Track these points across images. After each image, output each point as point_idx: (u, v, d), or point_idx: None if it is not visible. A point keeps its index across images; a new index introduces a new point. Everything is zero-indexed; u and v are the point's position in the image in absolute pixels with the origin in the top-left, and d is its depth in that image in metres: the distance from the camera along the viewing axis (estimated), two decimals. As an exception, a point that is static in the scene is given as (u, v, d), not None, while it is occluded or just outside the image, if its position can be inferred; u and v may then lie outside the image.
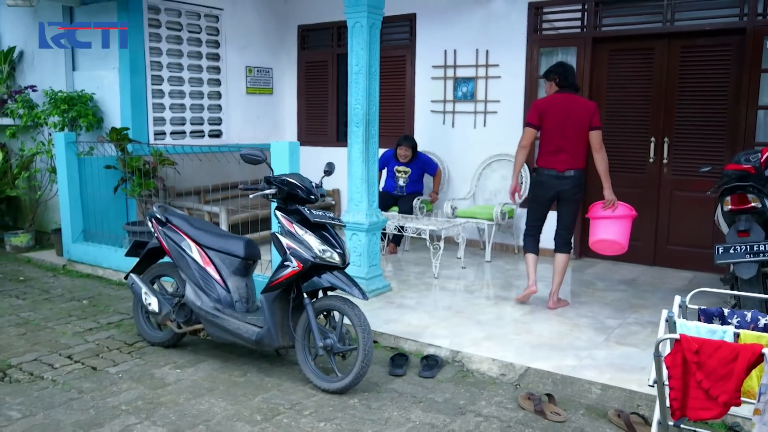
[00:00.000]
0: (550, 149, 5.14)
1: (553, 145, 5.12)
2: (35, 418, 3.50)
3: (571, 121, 5.06)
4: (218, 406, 3.67)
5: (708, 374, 2.15)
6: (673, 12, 6.28)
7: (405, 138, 7.35)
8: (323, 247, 3.88)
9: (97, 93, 7.37)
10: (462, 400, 3.77)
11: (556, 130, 5.09)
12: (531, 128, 5.19)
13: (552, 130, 5.10)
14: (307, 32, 8.82)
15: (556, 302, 5.31)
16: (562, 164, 5.12)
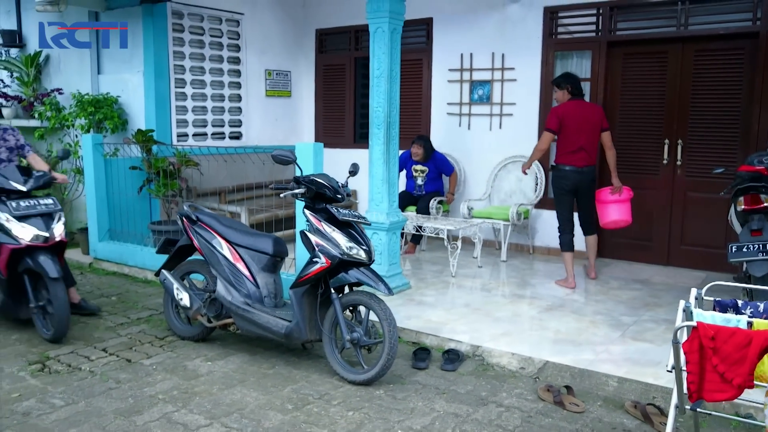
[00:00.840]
0: (571, 149, 5.86)
1: (574, 146, 5.84)
2: (77, 405, 3.68)
3: (588, 125, 5.87)
4: (250, 396, 3.83)
5: (723, 359, 2.28)
6: (687, 16, 6.40)
7: (418, 137, 7.55)
8: (350, 244, 4.03)
9: (122, 96, 7.57)
10: (484, 392, 3.91)
11: (575, 132, 5.82)
12: (550, 133, 5.90)
13: (572, 132, 5.82)
14: (325, 36, 8.99)
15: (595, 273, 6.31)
16: (581, 161, 5.89)
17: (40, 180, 4.88)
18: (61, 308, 4.54)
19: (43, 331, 4.72)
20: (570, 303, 5.52)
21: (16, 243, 4.54)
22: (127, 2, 7.28)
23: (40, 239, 4.60)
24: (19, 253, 4.59)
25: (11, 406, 3.66)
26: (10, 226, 4.57)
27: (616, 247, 7.09)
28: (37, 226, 4.62)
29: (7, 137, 5.21)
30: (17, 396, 3.80)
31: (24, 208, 4.63)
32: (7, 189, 4.69)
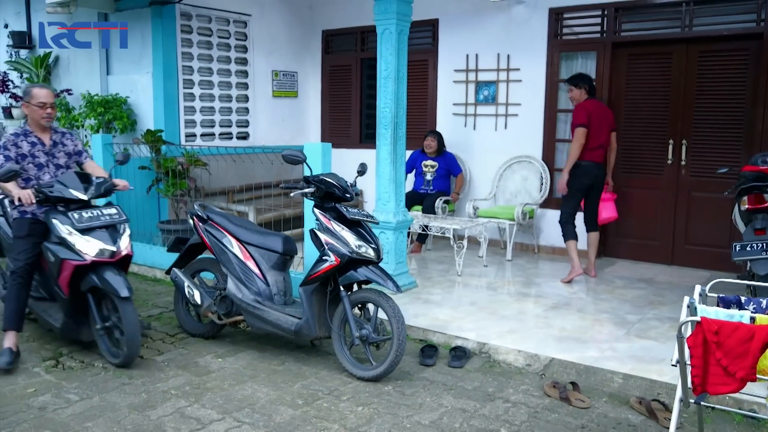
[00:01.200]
0: (593, 145, 6.08)
1: (596, 143, 6.08)
2: (92, 400, 3.75)
3: (606, 123, 6.16)
4: (261, 391, 3.90)
5: (726, 353, 2.34)
6: (691, 17, 6.45)
7: (431, 131, 7.74)
8: (359, 242, 4.10)
9: (131, 96, 7.65)
10: (490, 388, 3.97)
11: (597, 130, 6.07)
12: (584, 128, 6.02)
13: (595, 130, 6.05)
14: (331, 37, 9.06)
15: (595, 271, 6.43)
16: (599, 157, 6.17)
17: (101, 187, 4.38)
18: (133, 330, 4.10)
19: (109, 355, 4.29)
20: (575, 301, 5.57)
21: (80, 259, 4.07)
22: (136, 4, 7.37)
23: (106, 254, 4.12)
24: (82, 270, 4.14)
25: (27, 401, 3.73)
26: (73, 240, 4.08)
27: (621, 247, 7.14)
28: (102, 240, 4.14)
29: (66, 142, 4.65)
30: (33, 391, 3.87)
31: (87, 220, 4.15)
32: (67, 198, 4.19)
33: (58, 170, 4.51)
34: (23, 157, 4.36)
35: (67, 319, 4.37)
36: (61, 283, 4.17)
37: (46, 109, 4.36)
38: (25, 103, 4.39)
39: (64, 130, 4.72)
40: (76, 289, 4.23)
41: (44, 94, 4.36)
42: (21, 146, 4.37)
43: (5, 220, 4.87)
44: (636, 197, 6.98)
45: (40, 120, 4.37)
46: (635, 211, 6.98)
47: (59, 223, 4.10)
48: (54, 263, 4.15)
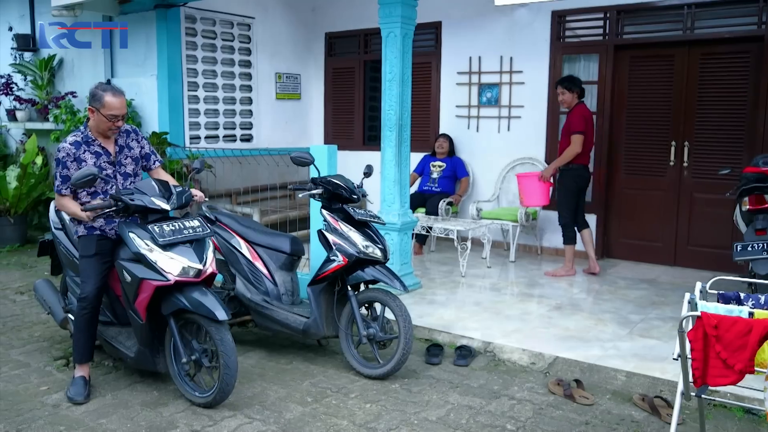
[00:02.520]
0: (588, 149, 6.36)
1: (589, 146, 6.36)
2: (105, 398, 3.81)
3: (594, 127, 6.46)
4: (270, 389, 3.96)
5: (725, 346, 2.42)
6: (693, 20, 6.52)
7: (442, 134, 7.92)
8: (366, 243, 4.16)
9: (135, 99, 7.71)
10: (496, 386, 4.03)
11: (591, 134, 6.35)
12: (583, 135, 6.22)
13: (590, 134, 6.32)
14: (334, 40, 9.13)
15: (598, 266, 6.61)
16: (588, 160, 6.45)
17: (182, 197, 3.79)
18: (232, 360, 3.53)
19: (194, 394, 3.68)
20: (578, 302, 5.63)
21: (163, 279, 3.49)
22: (140, 7, 7.43)
23: (191, 273, 3.54)
24: (162, 291, 3.59)
25: (41, 399, 3.79)
26: (155, 257, 3.50)
27: (624, 248, 7.20)
28: (187, 257, 3.56)
29: (131, 144, 3.96)
30: (46, 389, 3.93)
31: (169, 234, 3.57)
32: (148, 209, 3.61)
33: (126, 180, 3.89)
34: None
35: (142, 348, 3.78)
36: (137, 307, 3.61)
37: (117, 122, 3.75)
38: (91, 108, 3.72)
39: (129, 128, 4.00)
40: (153, 314, 3.68)
41: (118, 104, 3.71)
42: (84, 158, 3.74)
43: (65, 234, 4.31)
44: (638, 199, 7.04)
45: (106, 131, 3.78)
46: (638, 212, 7.04)
47: (137, 238, 3.54)
48: (130, 284, 3.60)
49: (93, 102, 3.73)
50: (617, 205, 7.17)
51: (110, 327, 4.14)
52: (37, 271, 6.77)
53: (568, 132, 6.30)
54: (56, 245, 4.38)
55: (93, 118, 3.76)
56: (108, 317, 4.16)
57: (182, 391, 3.74)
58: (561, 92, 6.35)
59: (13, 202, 7.80)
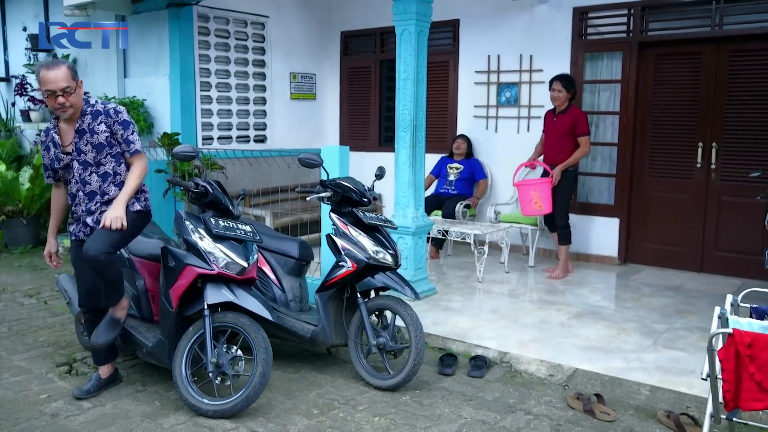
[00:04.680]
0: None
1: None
2: (105, 408, 3.68)
3: None
4: (276, 400, 3.80)
5: (760, 367, 2.23)
6: (721, 16, 6.26)
7: (460, 135, 7.73)
8: (377, 248, 3.99)
9: (147, 99, 7.62)
10: (512, 399, 3.83)
11: None
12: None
13: None
14: (350, 38, 8.98)
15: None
16: None
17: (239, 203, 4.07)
18: (267, 367, 3.50)
19: (202, 401, 3.54)
20: (600, 310, 5.40)
21: (207, 267, 3.53)
22: (153, 6, 7.34)
23: (234, 269, 3.59)
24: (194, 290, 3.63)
25: (40, 407, 3.67)
26: (205, 245, 3.58)
27: (648, 253, 6.94)
28: (234, 252, 3.63)
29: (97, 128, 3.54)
30: (46, 397, 3.81)
31: (223, 228, 3.67)
32: (222, 206, 3.81)
33: (86, 171, 3.57)
34: (54, 162, 3.62)
35: (163, 339, 3.76)
36: (172, 293, 3.62)
37: (57, 99, 3.39)
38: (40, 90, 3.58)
39: (102, 109, 3.56)
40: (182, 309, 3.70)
41: (52, 77, 3.35)
42: (50, 146, 3.61)
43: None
44: (664, 202, 6.78)
45: (57, 113, 3.51)
46: (662, 216, 6.78)
47: (191, 226, 3.68)
48: (173, 268, 3.64)
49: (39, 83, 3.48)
50: (641, 208, 6.92)
51: (132, 319, 4.11)
52: (47, 274, 6.70)
53: (567, 133, 6.21)
54: None
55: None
56: (133, 310, 4.14)
57: (186, 397, 3.56)
58: (558, 89, 6.20)
59: (25, 203, 7.75)
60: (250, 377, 3.53)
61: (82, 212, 3.67)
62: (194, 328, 3.68)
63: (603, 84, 7.05)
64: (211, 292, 3.60)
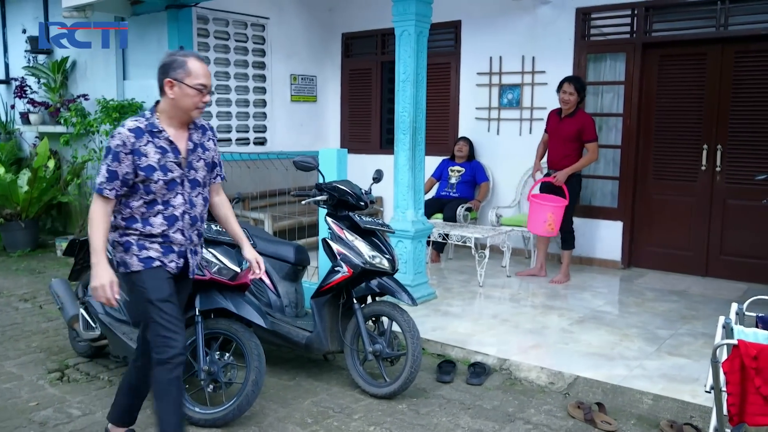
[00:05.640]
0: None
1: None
2: (94, 416, 3.60)
3: None
4: (269, 408, 3.72)
5: (767, 380, 2.13)
6: (726, 17, 6.15)
7: (462, 137, 7.62)
8: (373, 253, 3.91)
9: (147, 101, 7.54)
10: (511, 408, 3.75)
11: None
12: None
13: None
14: (351, 40, 8.90)
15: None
16: None
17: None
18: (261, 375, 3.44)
19: (193, 410, 3.44)
20: (602, 315, 5.30)
21: (198, 273, 3.35)
22: (152, 7, 7.28)
23: (228, 274, 3.54)
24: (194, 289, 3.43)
25: (29, 416, 3.60)
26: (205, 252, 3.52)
27: (652, 257, 6.84)
28: (227, 258, 3.58)
29: (207, 144, 3.06)
30: (35, 405, 3.75)
31: (215, 233, 3.64)
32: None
33: (194, 191, 2.98)
34: (149, 171, 2.84)
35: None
36: None
37: (205, 97, 2.90)
38: (171, 81, 2.81)
39: (205, 124, 3.10)
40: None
41: (205, 71, 2.88)
42: (145, 151, 2.82)
43: None
44: (668, 205, 6.68)
45: (191, 111, 2.88)
46: (667, 219, 6.68)
47: None
48: None
49: (172, 72, 2.81)
50: (645, 211, 6.81)
51: (124, 325, 4.02)
52: (45, 277, 6.64)
53: (574, 138, 6.10)
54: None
55: (172, 96, 2.83)
56: (124, 316, 4.04)
57: None
58: (570, 92, 6.05)
59: (24, 206, 7.70)
60: (242, 385, 3.46)
61: (185, 240, 2.98)
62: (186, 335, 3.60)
63: (606, 86, 6.95)
64: (203, 299, 3.53)
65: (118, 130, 2.81)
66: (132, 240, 2.90)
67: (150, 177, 2.83)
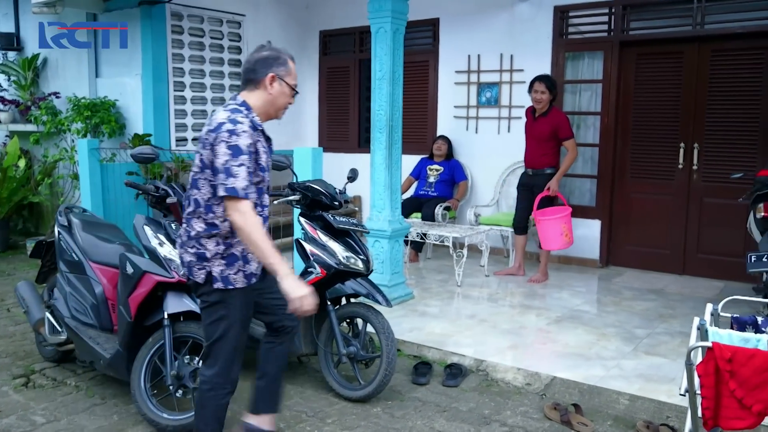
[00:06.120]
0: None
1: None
2: (59, 423, 3.50)
3: None
4: (241, 413, 3.62)
5: (741, 383, 2.09)
6: (703, 15, 6.16)
7: (441, 136, 7.56)
8: (347, 253, 3.83)
9: (119, 99, 7.41)
10: (487, 410, 3.69)
11: None
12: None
13: None
14: (329, 38, 8.81)
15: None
16: None
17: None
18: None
19: (161, 416, 3.35)
20: (580, 314, 5.28)
21: (167, 275, 3.34)
22: (125, 4, 7.14)
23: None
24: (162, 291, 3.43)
25: (-11, 424, 3.48)
26: (164, 251, 3.41)
27: (629, 256, 6.83)
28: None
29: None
30: (-3, 412, 3.63)
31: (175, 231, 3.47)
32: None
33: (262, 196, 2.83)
34: (263, 171, 2.76)
35: (121, 351, 3.55)
36: (130, 302, 3.44)
37: (293, 98, 2.88)
38: (274, 76, 2.72)
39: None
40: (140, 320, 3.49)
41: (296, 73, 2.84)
42: (259, 150, 2.72)
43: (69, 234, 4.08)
44: (646, 203, 6.68)
45: (280, 112, 2.87)
46: (645, 217, 6.68)
47: (151, 232, 3.48)
48: (130, 276, 3.44)
49: (276, 67, 2.72)
50: (623, 210, 6.81)
51: (90, 328, 3.91)
52: (14, 280, 6.47)
53: (549, 137, 6.07)
54: (58, 246, 4.14)
55: (271, 91, 2.74)
56: (91, 319, 3.93)
57: (145, 411, 3.38)
58: (541, 90, 6.01)
59: (-8, 206, 7.52)
60: None
61: None
62: (154, 339, 3.51)
63: (584, 84, 6.94)
64: (172, 301, 3.43)
65: (240, 127, 2.57)
66: (237, 252, 2.69)
67: (264, 177, 2.71)
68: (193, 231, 2.67)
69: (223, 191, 2.52)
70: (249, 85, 2.72)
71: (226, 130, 2.56)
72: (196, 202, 2.67)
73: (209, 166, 2.61)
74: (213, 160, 2.57)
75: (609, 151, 6.74)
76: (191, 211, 2.69)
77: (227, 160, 2.53)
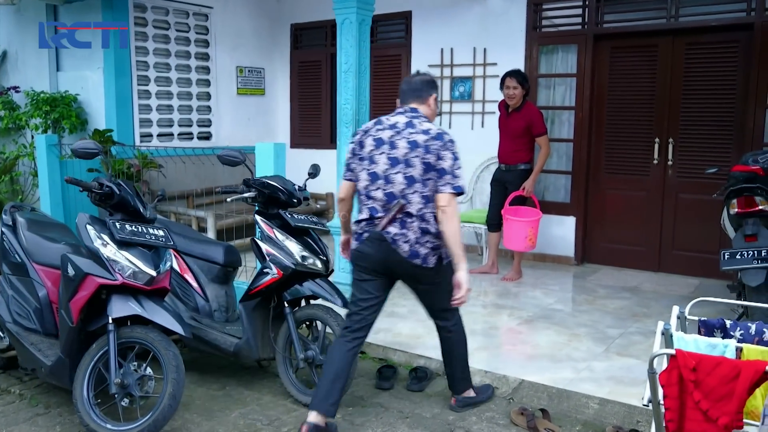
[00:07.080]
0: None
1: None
2: (-4, 435, 3.29)
3: None
4: (192, 421, 3.45)
5: (707, 394, 1.95)
6: (677, 7, 6.05)
7: None
8: (304, 253, 3.66)
9: (81, 94, 7.17)
10: (451, 416, 3.54)
11: None
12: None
13: None
14: (300, 31, 8.61)
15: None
16: None
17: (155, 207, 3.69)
18: (178, 388, 3.15)
19: (105, 426, 3.17)
20: (552, 314, 5.14)
21: (110, 278, 3.19)
22: (86, -6, 6.90)
23: (142, 279, 3.22)
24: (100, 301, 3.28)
25: None
26: (107, 252, 3.22)
27: (604, 253, 6.72)
28: (142, 260, 3.25)
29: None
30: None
31: (129, 234, 3.28)
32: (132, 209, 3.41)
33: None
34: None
35: (63, 357, 3.39)
36: (72, 306, 3.26)
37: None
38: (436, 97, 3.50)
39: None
40: (84, 324, 3.32)
41: None
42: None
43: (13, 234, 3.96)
44: (620, 199, 6.56)
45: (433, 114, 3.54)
46: (620, 214, 6.56)
47: (94, 231, 3.29)
48: (72, 278, 3.27)
49: (435, 91, 3.48)
50: (597, 206, 6.69)
51: (33, 334, 3.74)
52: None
53: (522, 133, 5.92)
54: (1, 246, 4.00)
55: (433, 107, 3.47)
56: (34, 324, 3.76)
57: (87, 421, 3.18)
58: (513, 86, 5.85)
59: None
60: (159, 399, 3.17)
61: None
62: (98, 345, 3.30)
63: (558, 78, 6.80)
64: (116, 305, 3.23)
65: (448, 133, 3.27)
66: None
67: None
68: (433, 227, 3.18)
69: (451, 189, 3.13)
70: (417, 100, 3.40)
71: (450, 140, 3.23)
72: (426, 199, 3.16)
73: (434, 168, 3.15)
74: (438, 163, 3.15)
75: (583, 146, 6.61)
76: (421, 208, 3.16)
77: (453, 164, 3.17)
